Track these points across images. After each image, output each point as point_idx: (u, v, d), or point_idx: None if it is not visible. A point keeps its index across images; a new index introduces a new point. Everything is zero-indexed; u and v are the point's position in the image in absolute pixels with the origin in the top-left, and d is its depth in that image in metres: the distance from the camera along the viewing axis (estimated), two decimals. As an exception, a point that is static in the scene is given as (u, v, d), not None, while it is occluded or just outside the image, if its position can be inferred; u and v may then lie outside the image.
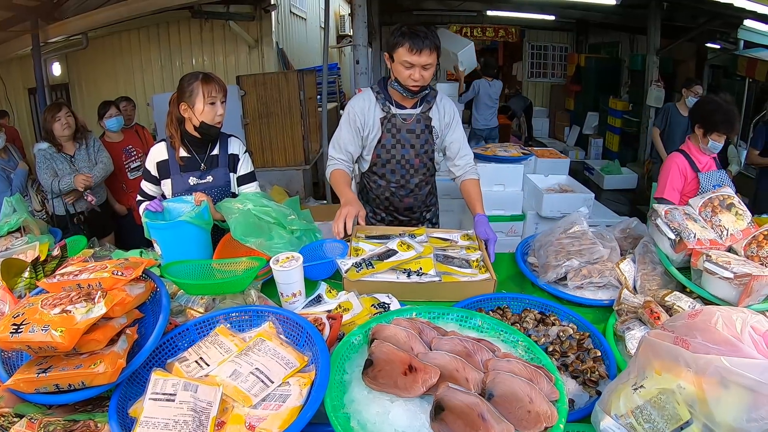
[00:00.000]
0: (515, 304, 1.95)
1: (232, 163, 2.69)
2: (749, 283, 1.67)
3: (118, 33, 7.96)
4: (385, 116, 2.68)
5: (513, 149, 4.34)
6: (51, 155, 4.12)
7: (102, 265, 1.47)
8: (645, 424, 1.10)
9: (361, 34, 5.17)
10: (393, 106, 2.68)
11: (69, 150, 4.20)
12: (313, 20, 11.44)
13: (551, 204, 3.99)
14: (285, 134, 6.93)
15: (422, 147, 2.77)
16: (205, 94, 2.43)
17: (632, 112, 9.77)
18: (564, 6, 10.76)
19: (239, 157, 2.70)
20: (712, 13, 7.49)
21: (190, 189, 2.55)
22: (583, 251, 2.16)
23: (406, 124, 2.70)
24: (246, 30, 7.83)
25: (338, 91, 10.69)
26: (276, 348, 1.36)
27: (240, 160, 2.70)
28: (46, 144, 4.12)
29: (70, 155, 4.19)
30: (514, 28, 12.31)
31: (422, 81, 2.51)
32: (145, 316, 1.50)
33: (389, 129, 2.69)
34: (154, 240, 2.23)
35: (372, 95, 2.69)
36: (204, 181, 2.59)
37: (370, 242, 2.32)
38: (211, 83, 2.45)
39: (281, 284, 1.85)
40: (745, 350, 1.03)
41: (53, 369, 1.23)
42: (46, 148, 4.11)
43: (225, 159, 2.66)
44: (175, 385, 1.22)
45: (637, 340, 1.64)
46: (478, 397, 1.14)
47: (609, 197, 8.32)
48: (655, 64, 8.55)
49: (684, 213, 2.07)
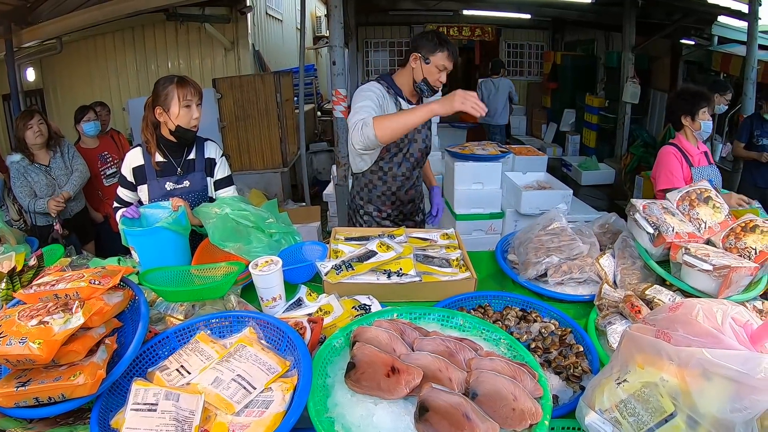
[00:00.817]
0: (496, 302, 1.96)
1: (209, 167, 2.65)
2: (728, 275, 1.69)
3: (93, 37, 7.85)
4: (399, 110, 2.72)
5: (491, 147, 4.35)
6: (24, 168, 4.02)
7: (79, 274, 1.45)
8: (629, 418, 1.10)
9: (338, 34, 5.15)
10: (404, 100, 2.76)
11: (43, 159, 4.10)
12: (290, 21, 11.39)
13: (530, 201, 4.01)
14: (262, 137, 6.91)
15: (423, 141, 2.89)
16: (180, 97, 2.40)
17: (609, 108, 9.85)
18: (540, 5, 10.83)
19: (216, 161, 2.66)
20: (687, 9, 7.61)
21: (167, 194, 2.52)
22: (563, 247, 2.18)
23: None
24: (222, 32, 7.77)
25: (315, 93, 10.68)
26: (257, 353, 1.35)
27: (217, 164, 2.67)
28: (19, 156, 4.02)
29: (45, 165, 4.10)
30: (491, 27, 12.35)
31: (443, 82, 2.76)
32: (124, 325, 1.48)
33: None
34: (132, 247, 2.19)
35: (383, 89, 2.72)
36: (181, 186, 2.56)
37: (349, 244, 2.31)
38: (186, 86, 2.42)
39: (261, 289, 1.83)
40: (727, 341, 1.04)
41: (32, 382, 1.21)
42: (19, 161, 4.01)
43: (202, 163, 2.62)
44: (157, 395, 1.20)
45: (618, 334, 1.65)
46: (462, 397, 1.14)
47: (587, 193, 8.37)
48: (631, 60, 8.64)
49: (662, 207, 2.09)
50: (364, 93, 2.64)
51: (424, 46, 2.66)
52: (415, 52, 2.68)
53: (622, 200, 7.69)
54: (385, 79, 2.78)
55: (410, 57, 2.71)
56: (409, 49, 2.73)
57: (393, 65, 12.90)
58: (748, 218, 1.98)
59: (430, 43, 2.65)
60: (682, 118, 3.39)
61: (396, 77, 2.79)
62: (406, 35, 12.77)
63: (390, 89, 2.73)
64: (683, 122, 3.39)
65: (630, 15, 8.39)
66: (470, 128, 9.10)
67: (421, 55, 2.66)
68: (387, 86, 2.73)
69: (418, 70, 2.70)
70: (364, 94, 2.63)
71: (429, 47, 2.65)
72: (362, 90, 2.68)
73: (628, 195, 8.00)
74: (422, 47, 2.66)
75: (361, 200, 2.99)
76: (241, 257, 2.11)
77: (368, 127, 2.42)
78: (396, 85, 2.76)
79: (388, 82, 2.75)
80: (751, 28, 6.21)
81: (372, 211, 2.98)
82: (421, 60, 2.67)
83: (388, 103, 2.70)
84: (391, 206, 2.97)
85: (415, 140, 2.85)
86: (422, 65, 2.68)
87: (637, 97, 8.56)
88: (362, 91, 2.66)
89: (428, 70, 2.68)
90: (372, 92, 2.64)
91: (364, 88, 2.68)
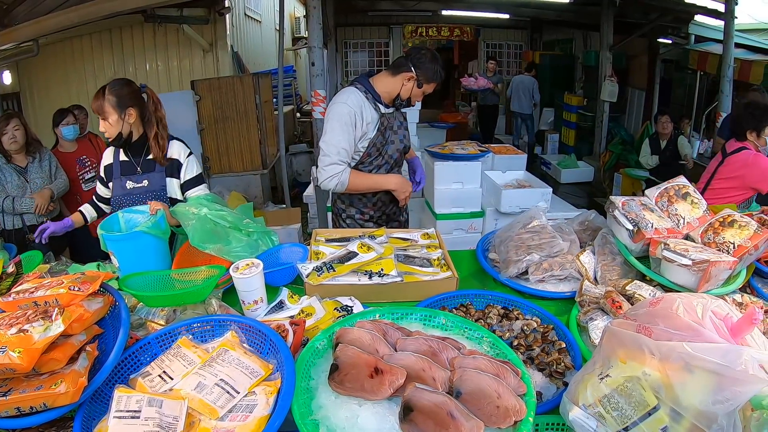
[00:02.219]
0: (478, 300, 1.96)
1: (173, 167, 2.65)
2: (707, 269, 1.72)
3: (70, 39, 7.73)
4: (379, 115, 2.72)
5: (470, 147, 4.36)
6: (0, 167, 4.00)
7: (58, 281, 1.43)
8: (613, 412, 1.11)
9: (317, 35, 5.13)
10: (382, 105, 2.74)
11: (20, 162, 4.07)
12: (268, 23, 11.33)
13: (510, 200, 4.02)
14: (241, 139, 6.88)
15: (401, 142, 2.88)
16: (95, 109, 2.51)
17: (587, 107, 9.97)
18: (518, 5, 10.92)
19: (181, 161, 2.66)
20: (664, 9, 7.71)
21: (128, 193, 2.60)
22: (543, 245, 2.19)
23: (390, 122, 2.79)
24: (200, 34, 7.70)
25: (294, 94, 10.62)
26: (240, 357, 1.34)
27: (183, 164, 2.66)
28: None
29: (22, 167, 4.07)
30: (469, 27, 12.43)
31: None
32: (105, 332, 1.46)
33: (379, 127, 2.73)
34: (111, 252, 2.17)
35: (360, 94, 2.68)
36: (140, 185, 2.60)
37: (330, 245, 2.31)
38: (94, 101, 2.49)
39: (242, 292, 1.82)
40: (707, 335, 1.05)
41: (13, 392, 1.19)
42: None
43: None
44: (140, 402, 1.19)
45: (600, 330, 1.67)
46: (446, 396, 1.14)
47: (567, 191, 8.45)
48: (609, 59, 8.73)
49: (641, 203, 2.11)
50: (339, 112, 2.62)
51: (424, 72, 2.66)
52: (412, 71, 2.65)
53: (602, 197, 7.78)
54: (363, 82, 2.72)
55: (404, 72, 2.66)
56: (405, 63, 2.67)
57: (372, 66, 12.93)
58: (726, 213, 2.00)
59: (430, 72, 2.66)
60: (748, 133, 3.52)
61: (376, 82, 2.73)
62: (385, 36, 12.80)
63: (368, 93, 2.70)
64: (748, 137, 3.53)
65: (607, 14, 8.48)
66: (450, 128, 9.13)
67: (416, 77, 2.66)
68: (365, 90, 2.70)
69: (408, 89, 2.69)
70: (338, 116, 2.62)
71: (428, 75, 2.67)
72: (338, 105, 2.65)
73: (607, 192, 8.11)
74: (422, 71, 2.65)
75: (342, 204, 2.99)
76: (222, 258, 2.10)
77: (343, 185, 2.68)
78: (374, 89, 2.71)
79: (366, 86, 2.71)
80: (728, 27, 6.32)
81: (354, 214, 2.97)
82: (415, 82, 2.67)
83: (366, 109, 2.66)
84: (373, 208, 2.95)
85: (393, 142, 2.82)
86: (414, 87, 2.69)
87: (615, 96, 8.65)
88: (338, 108, 2.64)
89: (417, 93, 2.72)
90: (348, 113, 2.61)
91: (342, 104, 2.64)
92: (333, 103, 2.68)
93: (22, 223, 4.06)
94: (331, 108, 2.68)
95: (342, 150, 2.62)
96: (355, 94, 2.66)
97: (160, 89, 7.47)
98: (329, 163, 2.63)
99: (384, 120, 2.74)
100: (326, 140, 2.64)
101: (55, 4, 5.82)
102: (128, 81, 2.57)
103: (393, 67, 2.71)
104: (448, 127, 9.11)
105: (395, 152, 2.86)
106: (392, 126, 2.81)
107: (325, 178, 2.65)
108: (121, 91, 2.49)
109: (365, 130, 2.68)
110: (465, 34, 12.47)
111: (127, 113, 2.50)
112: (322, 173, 2.65)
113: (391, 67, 2.73)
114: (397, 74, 2.68)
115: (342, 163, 2.64)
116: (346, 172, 2.65)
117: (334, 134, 2.62)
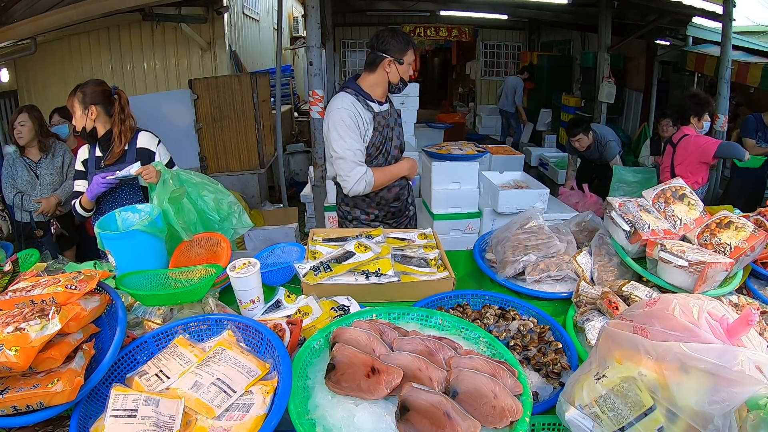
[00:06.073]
0: (475, 300, 1.97)
1: (143, 156, 2.81)
2: (704, 270, 1.72)
3: (68, 37, 7.69)
4: (373, 115, 2.74)
5: (467, 147, 4.36)
6: (14, 161, 4.09)
7: (55, 279, 1.43)
8: (609, 413, 1.11)
9: (315, 35, 5.11)
10: (374, 103, 2.77)
11: (33, 156, 4.14)
12: (267, 22, 11.31)
13: (507, 200, 4.02)
14: (239, 138, 6.85)
15: (398, 138, 2.91)
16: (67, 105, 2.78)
17: (584, 108, 9.95)
18: (516, 5, 10.90)
19: (152, 150, 2.84)
20: (662, 10, 7.70)
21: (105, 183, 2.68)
22: (540, 246, 2.19)
23: (386, 119, 2.81)
24: (198, 32, 7.67)
25: (292, 94, 10.62)
26: (237, 356, 1.34)
27: (155, 152, 2.85)
28: (13, 147, 4.11)
29: (34, 162, 4.12)
30: (467, 28, 12.42)
31: None
32: (102, 331, 1.46)
33: (375, 126, 2.75)
34: (108, 250, 2.17)
35: (352, 98, 2.70)
36: (112, 175, 2.66)
37: (327, 245, 2.31)
38: (68, 97, 2.76)
39: (239, 291, 1.82)
40: (703, 335, 1.05)
41: (10, 390, 1.18)
42: (12, 152, 4.10)
43: (133, 154, 2.82)
44: (136, 401, 1.19)
45: (596, 330, 1.67)
46: (443, 396, 1.14)
47: (564, 192, 8.44)
48: (606, 61, 8.72)
49: (638, 205, 2.11)
50: (340, 117, 2.64)
51: (395, 49, 2.69)
52: (387, 56, 2.69)
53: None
54: (351, 86, 2.76)
55: (381, 63, 2.71)
56: (375, 54, 2.72)
57: (371, 65, 12.88)
58: (722, 215, 2.01)
59: (399, 45, 2.70)
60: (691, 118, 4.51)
61: (363, 82, 2.78)
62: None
63: (359, 95, 2.72)
64: (691, 121, 4.53)
65: (605, 16, 8.47)
66: (447, 128, 9.14)
67: (394, 58, 2.69)
68: (355, 93, 2.72)
69: (394, 73, 2.73)
70: (341, 121, 2.64)
71: (400, 48, 2.70)
72: (337, 111, 2.66)
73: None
74: (393, 50, 2.69)
75: (346, 206, 2.99)
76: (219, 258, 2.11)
77: (370, 185, 2.71)
78: (364, 90, 2.75)
79: (355, 89, 2.74)
80: (725, 29, 6.31)
81: (359, 215, 2.97)
82: (395, 63, 2.69)
83: (361, 110, 2.69)
84: (377, 207, 2.95)
85: (391, 138, 2.85)
86: (397, 67, 2.71)
87: (612, 97, 8.64)
88: (338, 114, 2.65)
89: (403, 69, 2.74)
90: (349, 116, 2.63)
91: (337, 108, 2.66)
92: (330, 111, 2.70)
93: (30, 218, 4.11)
94: (330, 117, 2.69)
95: (357, 151, 2.66)
96: (348, 98, 2.69)
97: (157, 88, 7.48)
98: (351, 168, 2.65)
99: (379, 118, 2.76)
100: (338, 147, 2.65)
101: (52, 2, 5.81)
102: (100, 82, 2.80)
103: (369, 65, 2.77)
104: (446, 127, 9.12)
105: (394, 149, 2.88)
106: (389, 123, 2.83)
107: (353, 183, 2.67)
108: (88, 89, 2.74)
109: (365, 129, 2.71)
110: (463, 34, 12.46)
111: (90, 110, 2.73)
112: (348, 180, 2.67)
113: (367, 65, 2.78)
114: (375, 68, 2.74)
115: (362, 164, 2.69)
116: (369, 171, 2.70)
117: (344, 139, 2.64)
